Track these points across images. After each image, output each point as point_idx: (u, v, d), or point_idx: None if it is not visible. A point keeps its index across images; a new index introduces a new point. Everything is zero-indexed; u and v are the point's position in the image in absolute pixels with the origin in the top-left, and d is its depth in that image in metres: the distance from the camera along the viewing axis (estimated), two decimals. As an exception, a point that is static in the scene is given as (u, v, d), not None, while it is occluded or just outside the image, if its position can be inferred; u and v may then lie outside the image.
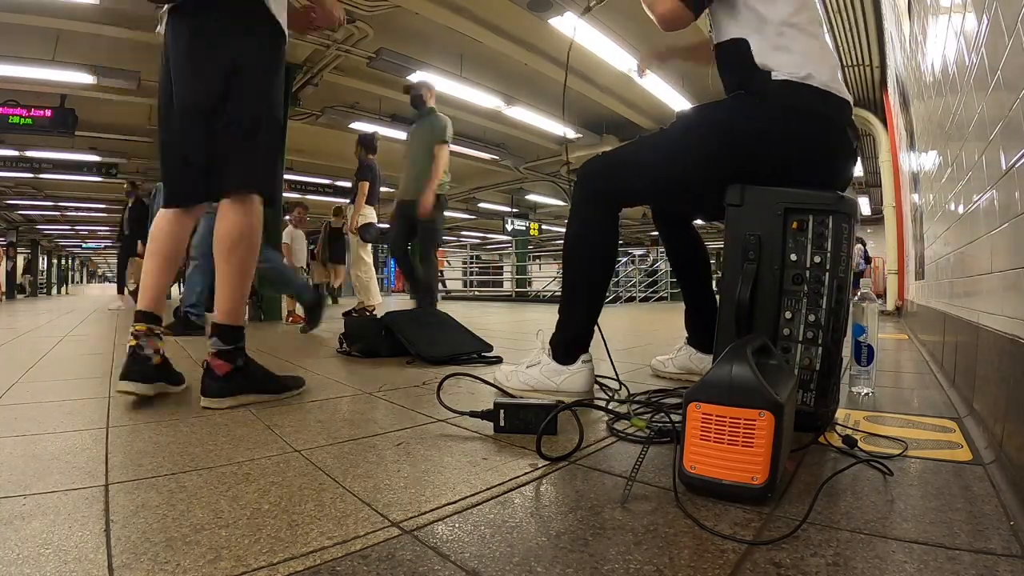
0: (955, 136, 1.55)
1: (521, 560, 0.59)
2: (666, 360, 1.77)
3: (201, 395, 1.32)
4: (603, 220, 1.37)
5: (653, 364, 1.81)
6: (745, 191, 1.13)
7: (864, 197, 11.35)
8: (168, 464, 0.90)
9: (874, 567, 0.57)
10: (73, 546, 0.61)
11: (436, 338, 2.20)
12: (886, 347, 2.63)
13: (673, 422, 1.00)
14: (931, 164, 2.39)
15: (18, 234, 17.20)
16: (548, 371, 1.41)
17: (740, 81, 1.20)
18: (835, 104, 1.16)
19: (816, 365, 1.08)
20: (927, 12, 2.03)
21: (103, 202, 13.04)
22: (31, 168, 8.91)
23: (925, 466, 0.89)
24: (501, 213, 14.36)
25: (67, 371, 1.95)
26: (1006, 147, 0.94)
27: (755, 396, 0.73)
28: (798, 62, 1.13)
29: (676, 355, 1.75)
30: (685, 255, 1.69)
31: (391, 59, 5.52)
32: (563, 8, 4.50)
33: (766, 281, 1.11)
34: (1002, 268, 1.00)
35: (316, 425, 1.16)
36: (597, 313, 1.41)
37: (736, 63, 1.19)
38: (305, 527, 0.67)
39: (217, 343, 1.34)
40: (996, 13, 0.95)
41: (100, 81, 5.65)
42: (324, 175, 10.83)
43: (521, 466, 0.90)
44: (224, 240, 1.35)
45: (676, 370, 1.73)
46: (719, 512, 0.71)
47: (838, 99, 1.16)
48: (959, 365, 1.48)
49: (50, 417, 1.23)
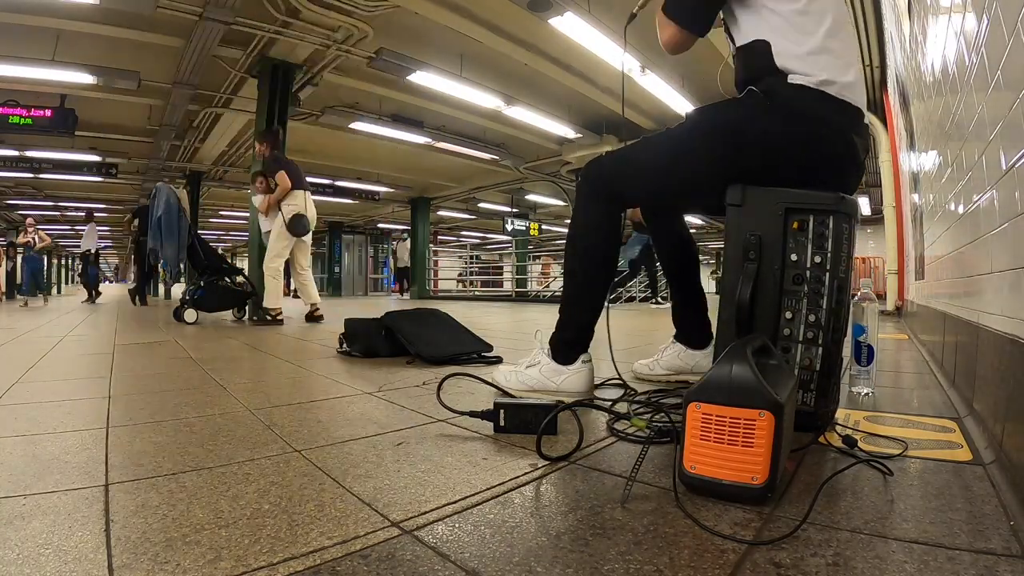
0: (955, 136, 1.55)
1: (521, 560, 0.59)
2: (651, 363, 1.71)
3: None
4: (605, 220, 1.36)
5: (636, 368, 1.75)
6: (746, 191, 1.13)
7: (864, 197, 11.35)
8: (168, 464, 0.90)
9: (874, 567, 0.57)
10: (73, 546, 0.61)
11: (436, 338, 2.20)
12: (886, 347, 2.63)
13: (673, 422, 1.00)
14: (931, 164, 2.39)
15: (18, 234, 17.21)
16: (548, 371, 1.40)
17: (755, 81, 1.18)
18: (846, 112, 1.14)
19: (816, 365, 1.08)
20: (927, 12, 2.03)
21: (103, 202, 13.04)
22: (31, 168, 8.92)
23: (925, 466, 0.89)
24: (501, 213, 14.37)
25: (67, 371, 1.95)
26: (1006, 147, 0.94)
27: (755, 396, 0.73)
28: (818, 66, 1.11)
29: (662, 356, 1.70)
30: (674, 250, 1.66)
31: (391, 59, 5.52)
32: (563, 8, 4.50)
33: (766, 281, 1.11)
34: (1002, 268, 0.99)
35: (316, 425, 1.16)
36: (598, 314, 1.40)
37: (756, 64, 1.17)
38: (305, 527, 0.67)
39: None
40: (996, 13, 0.95)
41: (100, 81, 5.65)
42: (324, 175, 10.85)
43: (521, 466, 0.90)
44: None
45: (664, 371, 1.68)
46: (719, 512, 0.71)
47: (851, 107, 1.14)
48: (959, 365, 1.48)
49: (50, 417, 1.23)
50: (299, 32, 4.91)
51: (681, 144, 1.26)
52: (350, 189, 11.87)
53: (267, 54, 5.29)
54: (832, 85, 1.11)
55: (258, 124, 5.30)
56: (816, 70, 1.11)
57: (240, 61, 5.58)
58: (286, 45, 5.14)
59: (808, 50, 1.12)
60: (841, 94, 1.12)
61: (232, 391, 1.54)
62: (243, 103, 6.49)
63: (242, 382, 1.71)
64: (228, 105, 6.75)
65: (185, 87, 6.03)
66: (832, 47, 1.13)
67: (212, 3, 4.38)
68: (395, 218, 16.53)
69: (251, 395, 1.49)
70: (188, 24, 4.73)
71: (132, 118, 7.41)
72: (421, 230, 13.72)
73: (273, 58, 5.30)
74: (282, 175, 4.10)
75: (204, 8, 4.43)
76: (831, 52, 1.13)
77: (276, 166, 4.19)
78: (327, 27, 4.93)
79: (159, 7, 4.33)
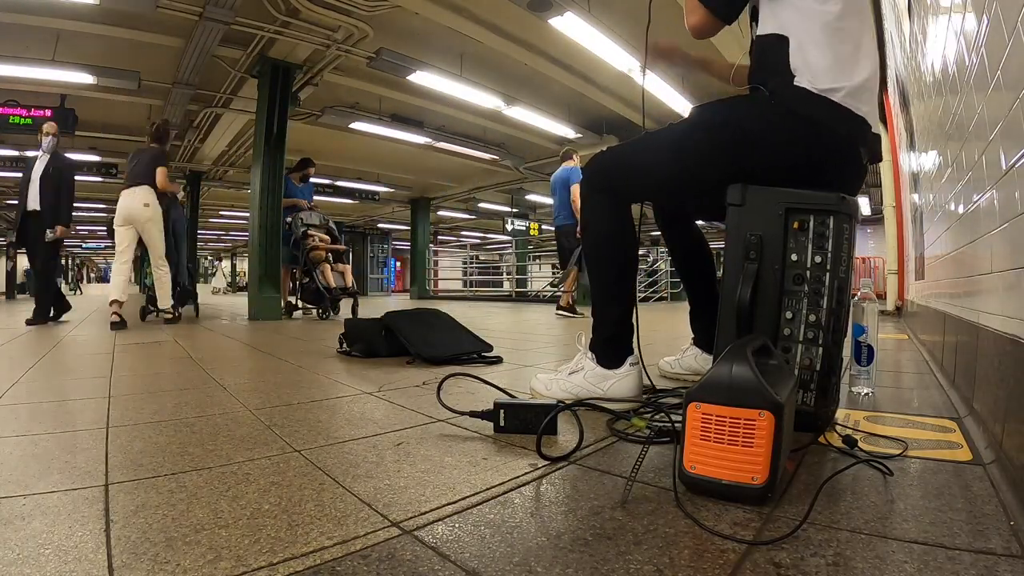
0: (955, 136, 1.55)
1: (521, 560, 0.59)
2: (672, 361, 1.76)
3: None
4: (610, 212, 1.35)
5: (660, 365, 1.80)
6: (746, 191, 1.13)
7: (864, 197, 11.35)
8: (168, 464, 0.90)
9: (874, 567, 0.57)
10: (73, 546, 0.61)
11: (436, 338, 2.20)
12: (886, 347, 2.63)
13: (673, 422, 1.00)
14: (931, 164, 2.39)
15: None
16: (593, 377, 1.34)
17: (763, 77, 1.17)
18: (849, 121, 1.12)
19: (816, 365, 1.08)
20: (927, 12, 2.03)
21: (103, 202, 13.03)
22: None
23: (925, 466, 0.89)
24: (501, 213, 14.37)
25: (67, 371, 1.95)
26: (1006, 147, 0.94)
27: (755, 396, 0.73)
28: (829, 71, 1.10)
29: (682, 356, 1.74)
30: (688, 255, 1.68)
31: (391, 59, 5.52)
32: (563, 8, 4.50)
33: (767, 281, 1.11)
34: (1002, 268, 0.99)
35: (316, 425, 1.16)
36: (627, 307, 1.36)
37: (769, 59, 1.16)
38: (305, 527, 0.67)
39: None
40: (996, 13, 0.95)
41: (100, 81, 5.64)
42: (324, 175, 10.84)
43: (521, 466, 0.90)
44: None
45: (683, 371, 1.72)
46: (719, 512, 0.71)
47: (854, 116, 1.12)
48: (959, 365, 1.48)
49: (50, 417, 1.23)
50: (299, 32, 4.91)
51: (683, 141, 1.25)
52: (350, 189, 11.88)
53: (267, 54, 5.28)
54: (838, 92, 1.10)
55: (258, 124, 5.29)
56: (825, 75, 1.10)
57: (240, 61, 5.58)
58: (286, 45, 5.14)
59: (823, 53, 1.10)
60: (846, 102, 1.11)
61: (232, 391, 1.54)
62: (243, 103, 6.48)
63: (242, 382, 1.71)
64: (228, 105, 6.75)
65: (185, 87, 6.03)
66: (848, 53, 1.12)
67: (212, 3, 4.38)
68: (395, 218, 16.52)
69: (251, 395, 1.49)
70: (188, 24, 4.73)
71: (132, 118, 7.40)
72: (421, 230, 13.71)
73: (273, 58, 5.29)
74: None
75: (204, 8, 4.42)
76: (846, 58, 1.11)
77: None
78: (327, 27, 4.92)
79: (159, 7, 4.33)
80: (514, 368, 2.01)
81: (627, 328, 1.37)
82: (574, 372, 1.37)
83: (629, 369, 1.34)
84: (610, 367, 1.34)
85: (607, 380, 1.33)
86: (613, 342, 1.35)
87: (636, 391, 1.34)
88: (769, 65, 1.16)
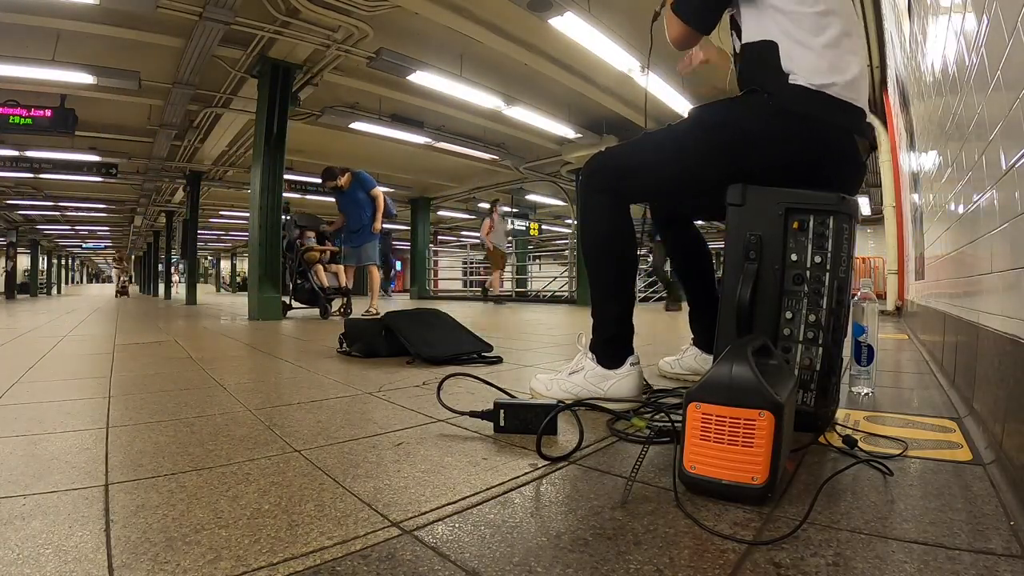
0: (955, 136, 1.55)
1: (521, 560, 0.59)
2: (672, 361, 1.76)
3: None
4: (608, 211, 1.35)
5: (660, 365, 1.80)
6: (746, 191, 1.13)
7: (864, 197, 11.33)
8: (168, 464, 0.90)
9: (874, 567, 0.57)
10: (73, 546, 0.61)
11: (436, 338, 2.20)
12: (886, 347, 2.63)
13: (673, 422, 1.00)
14: (931, 164, 2.39)
15: (18, 234, 17.22)
16: (594, 377, 1.34)
17: (759, 80, 1.17)
18: (848, 113, 1.13)
19: (816, 365, 1.08)
20: (927, 12, 2.03)
21: (103, 202, 13.04)
22: (31, 168, 8.90)
23: (925, 466, 0.89)
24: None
25: (67, 371, 1.95)
26: (1006, 147, 0.94)
27: (755, 396, 0.73)
28: (822, 67, 1.11)
29: (682, 356, 1.74)
30: (688, 256, 1.68)
31: (391, 59, 5.52)
32: (563, 8, 4.50)
33: (767, 281, 1.11)
34: (1002, 268, 0.99)
35: (316, 425, 1.16)
36: (626, 306, 1.36)
37: (760, 64, 1.17)
38: (305, 527, 0.67)
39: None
40: (996, 13, 0.95)
41: (100, 81, 5.64)
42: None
43: (521, 466, 0.90)
44: None
45: (683, 371, 1.72)
46: (719, 512, 0.71)
47: (853, 107, 1.14)
48: (959, 365, 1.48)
49: (50, 417, 1.23)
50: (299, 32, 4.91)
51: (682, 141, 1.26)
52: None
53: (267, 54, 5.28)
54: (834, 87, 1.11)
55: (258, 124, 5.29)
56: (819, 72, 1.11)
57: (240, 61, 5.58)
58: (286, 45, 5.14)
59: (813, 52, 1.12)
60: (842, 95, 1.12)
61: (232, 391, 1.54)
62: (243, 103, 6.48)
63: (242, 382, 1.71)
64: (228, 105, 6.74)
65: (185, 87, 6.02)
66: (837, 49, 1.13)
67: (212, 3, 4.38)
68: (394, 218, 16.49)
69: (251, 395, 1.49)
70: (188, 24, 4.72)
71: (132, 118, 7.39)
72: (421, 230, 13.71)
73: (273, 58, 5.29)
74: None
75: (204, 8, 4.42)
76: (836, 54, 1.12)
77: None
78: (327, 27, 4.92)
79: (159, 7, 4.33)
80: (514, 368, 2.01)
81: (627, 328, 1.37)
82: (574, 372, 1.37)
83: (629, 369, 1.35)
84: (610, 367, 1.34)
85: (607, 380, 1.33)
86: (613, 342, 1.36)
87: (636, 391, 1.34)
88: (763, 69, 1.17)
